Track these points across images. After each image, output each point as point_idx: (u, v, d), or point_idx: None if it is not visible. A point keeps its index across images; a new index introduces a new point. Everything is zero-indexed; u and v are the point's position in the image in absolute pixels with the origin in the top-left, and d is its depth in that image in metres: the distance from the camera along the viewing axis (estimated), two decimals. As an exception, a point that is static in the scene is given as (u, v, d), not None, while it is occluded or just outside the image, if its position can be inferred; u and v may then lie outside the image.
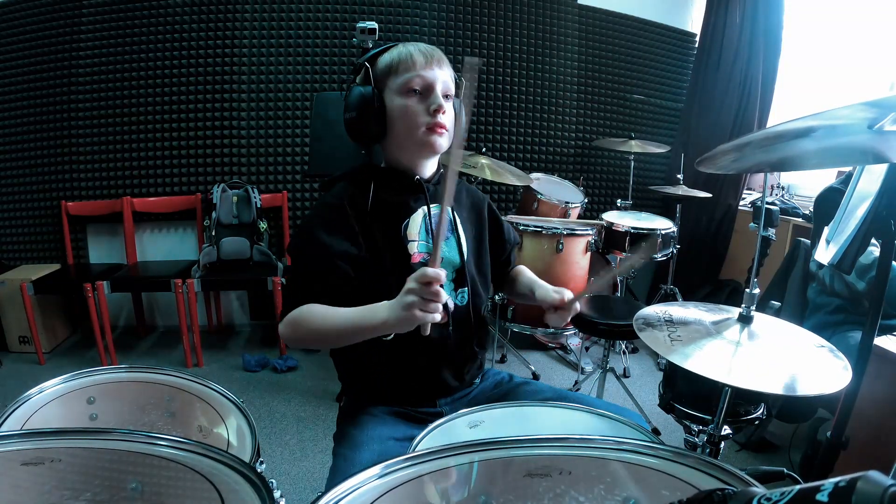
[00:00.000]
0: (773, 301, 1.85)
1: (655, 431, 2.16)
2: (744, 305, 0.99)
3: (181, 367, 2.69)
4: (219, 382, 0.99)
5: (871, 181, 0.99)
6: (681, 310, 1.08)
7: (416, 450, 0.66)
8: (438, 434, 0.81)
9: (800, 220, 2.74)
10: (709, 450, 1.13)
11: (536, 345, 3.06)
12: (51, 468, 0.59)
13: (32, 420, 0.87)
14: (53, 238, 3.00)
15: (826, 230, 1.16)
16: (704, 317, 1.04)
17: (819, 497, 0.31)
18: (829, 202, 1.77)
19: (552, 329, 2.53)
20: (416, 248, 1.01)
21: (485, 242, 1.14)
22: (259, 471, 0.63)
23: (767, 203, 2.46)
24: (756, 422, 1.30)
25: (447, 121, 0.99)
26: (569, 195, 2.83)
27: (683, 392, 1.32)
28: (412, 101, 0.97)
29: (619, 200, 2.99)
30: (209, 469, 0.61)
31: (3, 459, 0.60)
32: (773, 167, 1.31)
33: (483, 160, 2.44)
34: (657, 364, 2.84)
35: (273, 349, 2.90)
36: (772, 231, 2.33)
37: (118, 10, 2.82)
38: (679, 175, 2.79)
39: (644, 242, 2.37)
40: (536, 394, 1.08)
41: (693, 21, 3.51)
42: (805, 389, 0.83)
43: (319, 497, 0.54)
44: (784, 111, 3.13)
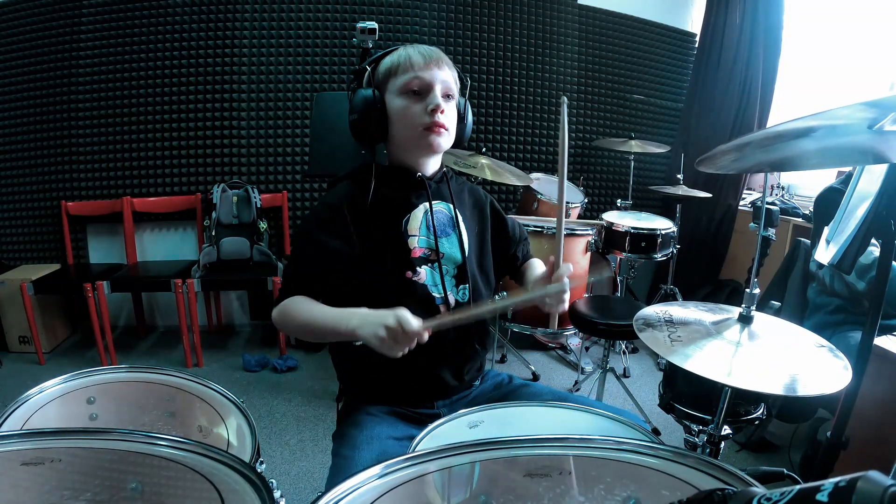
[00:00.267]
0: (773, 301, 1.85)
1: (655, 431, 2.16)
2: (744, 305, 0.99)
3: (181, 367, 2.69)
4: (219, 382, 0.99)
5: (871, 181, 0.99)
6: (681, 310, 1.08)
7: (416, 450, 0.66)
8: (438, 434, 0.81)
9: (800, 220, 2.74)
10: (709, 450, 1.13)
11: (536, 345, 3.06)
12: (51, 468, 0.59)
13: (32, 420, 0.87)
14: (53, 238, 3.00)
15: (826, 230, 1.16)
16: (704, 317, 1.04)
17: (819, 497, 0.31)
18: (829, 202, 1.77)
19: (551, 330, 2.53)
20: (417, 243, 1.03)
21: (487, 240, 1.15)
22: (259, 471, 0.63)
23: (767, 203, 2.46)
24: (756, 422, 1.29)
25: (446, 120, 1.00)
26: (569, 195, 2.82)
27: (683, 392, 1.32)
28: (411, 102, 0.99)
29: (619, 200, 2.99)
30: (209, 469, 0.61)
31: (3, 459, 0.60)
32: (773, 167, 1.31)
33: (483, 160, 2.44)
34: (657, 364, 2.84)
35: (273, 349, 2.90)
36: (772, 231, 2.33)
37: (118, 10, 2.82)
38: (679, 175, 2.79)
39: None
40: (536, 396, 1.08)
41: (693, 21, 3.51)
42: (805, 389, 0.83)
43: (319, 497, 0.54)
44: (784, 111, 3.13)
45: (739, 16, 3.13)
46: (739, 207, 3.26)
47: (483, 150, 2.52)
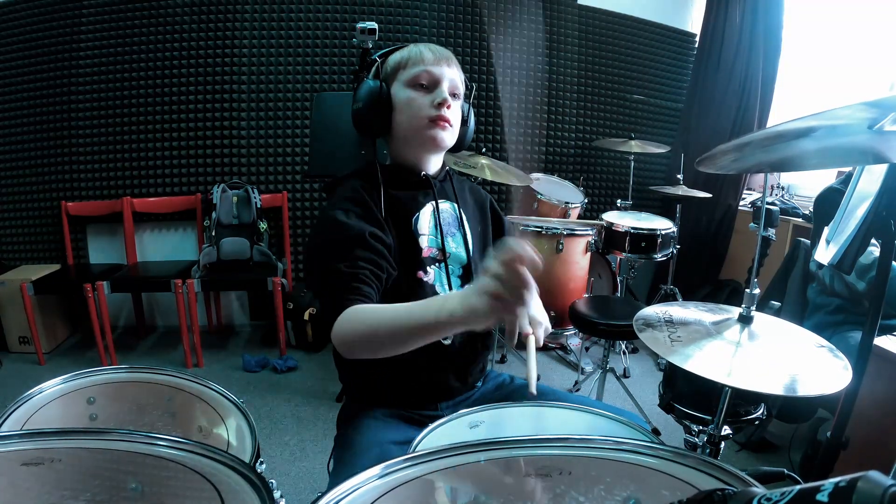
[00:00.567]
0: (773, 301, 1.85)
1: (655, 431, 2.16)
2: (744, 305, 0.99)
3: (181, 368, 2.69)
4: (219, 383, 0.99)
5: (871, 181, 0.99)
6: (681, 310, 1.08)
7: (416, 450, 0.66)
8: (438, 434, 0.81)
9: (800, 220, 2.74)
10: (709, 450, 1.13)
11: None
12: (51, 468, 0.59)
13: (32, 420, 0.87)
14: (53, 238, 3.00)
15: (826, 230, 1.16)
16: (704, 317, 1.04)
17: (819, 497, 0.31)
18: (829, 202, 1.77)
19: (551, 331, 2.53)
20: (427, 243, 1.02)
21: (489, 239, 1.15)
22: (259, 471, 0.63)
23: (767, 203, 2.45)
24: (756, 422, 1.29)
25: (451, 116, 0.99)
26: (569, 195, 2.83)
27: (683, 392, 1.32)
28: (418, 94, 0.98)
29: (619, 200, 2.99)
30: (209, 469, 0.61)
31: (3, 459, 0.60)
32: (773, 167, 1.31)
33: (483, 160, 2.44)
34: (657, 364, 2.84)
35: (273, 349, 2.90)
36: (772, 231, 2.33)
37: (118, 10, 2.82)
38: (679, 175, 2.79)
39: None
40: (537, 396, 1.07)
41: (693, 21, 3.51)
42: (805, 390, 0.83)
43: (319, 497, 0.54)
44: (784, 111, 3.13)
45: (739, 16, 3.13)
46: (739, 207, 3.26)
47: (483, 151, 2.52)
